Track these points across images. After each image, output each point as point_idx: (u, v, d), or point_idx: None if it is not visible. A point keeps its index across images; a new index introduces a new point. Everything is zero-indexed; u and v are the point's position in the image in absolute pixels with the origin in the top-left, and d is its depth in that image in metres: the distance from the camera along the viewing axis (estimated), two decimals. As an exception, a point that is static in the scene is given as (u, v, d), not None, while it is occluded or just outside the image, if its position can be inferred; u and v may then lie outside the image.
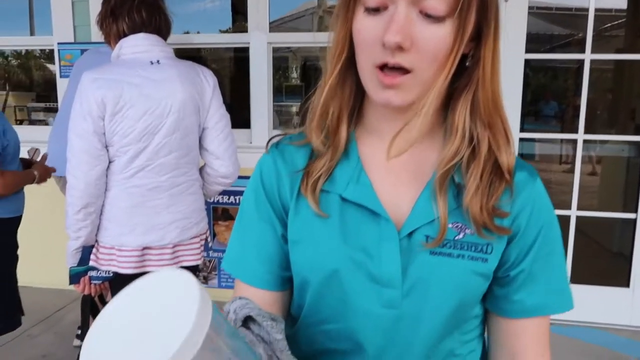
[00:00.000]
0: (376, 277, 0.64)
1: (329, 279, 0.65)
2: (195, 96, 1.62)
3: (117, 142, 1.54)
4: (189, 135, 1.63)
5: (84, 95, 1.51)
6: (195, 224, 1.70)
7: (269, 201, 0.70)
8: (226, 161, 1.71)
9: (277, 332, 0.57)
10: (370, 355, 0.67)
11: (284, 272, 0.71)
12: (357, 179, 0.67)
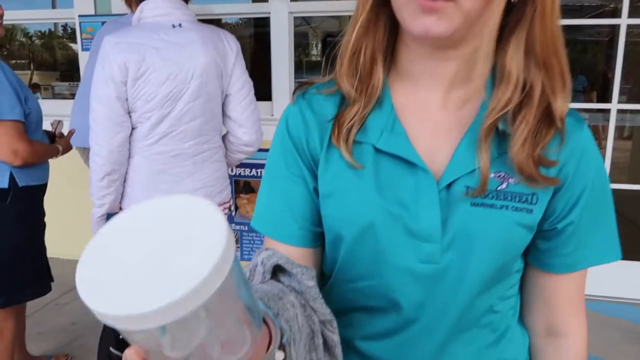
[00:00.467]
0: (414, 231, 0.61)
1: (364, 233, 0.62)
2: (217, 60, 1.59)
3: (140, 107, 1.53)
4: (212, 100, 1.61)
5: (105, 59, 1.50)
6: (218, 192, 1.70)
7: (298, 153, 0.67)
8: (249, 129, 1.69)
9: (308, 279, 0.55)
10: (407, 312, 0.64)
11: (316, 228, 0.68)
12: (392, 128, 0.63)
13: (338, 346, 0.59)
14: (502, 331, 0.69)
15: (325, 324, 0.58)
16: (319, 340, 0.56)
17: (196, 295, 0.30)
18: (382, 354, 0.67)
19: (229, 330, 0.36)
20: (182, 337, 0.32)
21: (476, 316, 0.65)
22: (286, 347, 0.49)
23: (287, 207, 0.67)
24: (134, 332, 0.31)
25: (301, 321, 0.53)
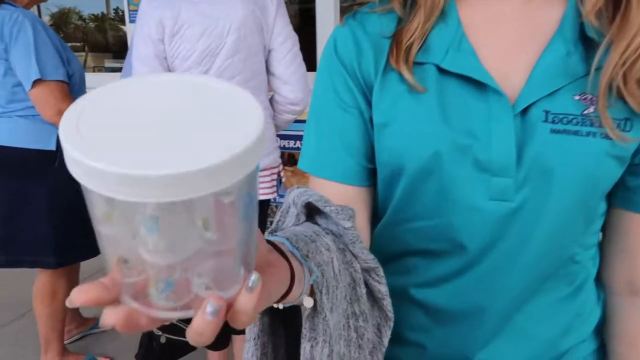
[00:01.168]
0: (484, 164, 0.53)
1: (426, 167, 0.55)
2: (256, 13, 1.51)
3: (178, 65, 1.50)
4: (253, 57, 1.54)
5: (143, 18, 1.48)
6: (266, 154, 1.64)
7: (349, 79, 0.60)
8: (294, 85, 1.59)
9: (344, 218, 0.49)
10: (472, 257, 0.57)
11: (370, 164, 0.61)
12: (458, 46, 0.55)
13: (386, 298, 0.53)
14: (580, 283, 0.61)
15: (370, 272, 0.52)
16: (361, 290, 0.50)
17: (219, 175, 0.24)
18: (441, 302, 0.60)
19: (225, 257, 0.29)
20: (171, 239, 0.26)
21: (553, 264, 0.57)
22: (317, 295, 0.44)
23: (340, 141, 0.60)
24: (118, 216, 0.26)
25: (338, 267, 0.47)
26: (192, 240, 0.27)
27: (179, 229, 0.26)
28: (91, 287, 0.29)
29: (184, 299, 0.28)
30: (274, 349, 0.50)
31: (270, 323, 0.50)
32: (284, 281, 0.38)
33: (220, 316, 0.29)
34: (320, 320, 0.45)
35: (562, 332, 0.62)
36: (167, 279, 0.27)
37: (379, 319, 0.54)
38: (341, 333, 0.48)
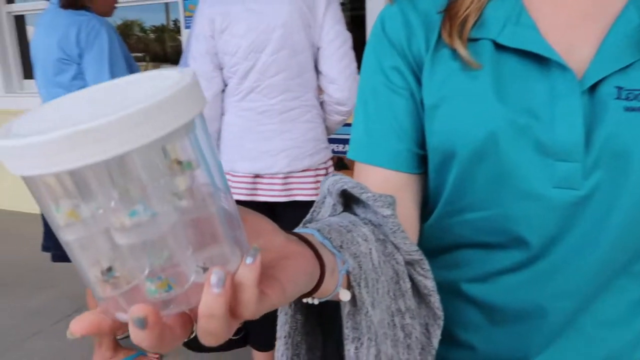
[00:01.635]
0: (547, 146, 0.48)
1: (481, 151, 0.50)
2: (304, 9, 1.50)
3: (227, 61, 1.53)
4: (300, 54, 1.53)
5: (198, 16, 1.53)
6: (309, 155, 1.61)
7: (399, 59, 0.56)
8: (341, 84, 1.55)
9: (383, 206, 0.45)
10: (533, 251, 0.51)
11: (420, 150, 0.57)
12: (517, 19, 0.51)
13: (434, 294, 0.48)
14: None
15: (414, 265, 0.48)
16: (406, 284, 0.47)
17: (155, 119, 0.22)
18: (496, 299, 0.55)
19: (207, 227, 0.27)
20: (138, 203, 0.24)
21: (627, 261, 0.51)
22: (355, 289, 0.40)
23: (389, 124, 0.57)
24: (82, 204, 0.24)
25: (378, 259, 0.44)
26: (161, 205, 0.24)
27: (143, 191, 0.24)
28: (89, 314, 0.27)
29: (181, 283, 0.26)
30: (308, 350, 0.47)
31: (305, 322, 0.46)
32: (309, 272, 0.34)
33: (227, 288, 0.26)
34: (362, 317, 0.41)
35: (636, 339, 0.54)
36: (155, 260, 0.25)
37: (426, 317, 0.50)
38: (387, 332, 0.44)
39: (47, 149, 0.21)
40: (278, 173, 1.57)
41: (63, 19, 1.84)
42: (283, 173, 1.57)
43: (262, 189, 1.59)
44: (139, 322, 0.25)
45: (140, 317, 0.25)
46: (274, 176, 1.57)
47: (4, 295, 2.87)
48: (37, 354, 2.31)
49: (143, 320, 0.25)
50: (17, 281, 3.03)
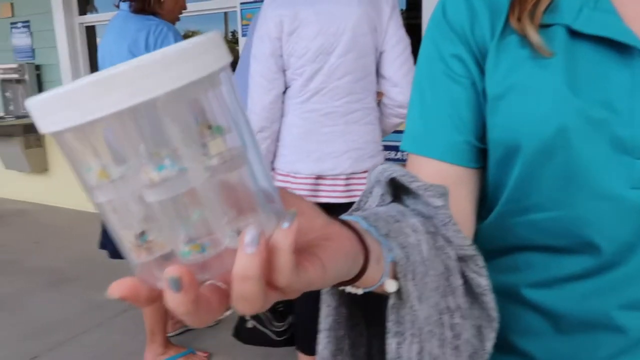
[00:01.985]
0: (625, 143, 0.44)
1: (549, 145, 0.46)
2: (371, 14, 1.53)
3: (293, 63, 1.54)
4: (365, 57, 1.55)
5: (263, 17, 1.54)
6: (369, 156, 1.62)
7: (461, 45, 0.53)
8: (404, 88, 1.58)
9: (434, 196, 0.43)
10: (606, 258, 0.47)
11: (480, 143, 0.54)
12: (595, 4, 0.47)
13: (488, 293, 0.45)
14: None
15: (467, 261, 0.45)
16: (457, 281, 0.44)
17: (184, 66, 0.22)
18: (561, 306, 0.51)
19: (239, 188, 0.26)
20: (167, 153, 0.23)
21: None
22: (401, 281, 0.38)
23: (447, 114, 0.54)
24: (112, 163, 0.24)
25: (427, 251, 0.41)
26: (191, 162, 0.24)
27: (171, 146, 0.24)
28: (128, 278, 0.27)
29: (215, 246, 0.26)
30: (352, 346, 0.45)
31: (349, 316, 0.44)
32: (351, 255, 0.33)
33: (261, 248, 0.25)
34: (407, 311, 0.39)
35: None
36: (187, 221, 0.25)
37: (479, 318, 0.47)
38: (433, 330, 0.42)
39: (73, 99, 0.21)
40: (341, 174, 1.58)
41: (133, 25, 1.93)
42: (346, 174, 1.58)
43: (324, 190, 1.60)
44: (174, 283, 0.24)
45: (175, 276, 0.24)
46: (336, 177, 1.58)
47: (69, 289, 3.02)
48: (96, 345, 2.40)
49: (178, 281, 0.24)
50: (82, 276, 3.18)
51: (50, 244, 3.86)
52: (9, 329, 2.57)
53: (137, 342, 2.33)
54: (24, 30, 4.67)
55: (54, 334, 2.51)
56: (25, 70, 4.53)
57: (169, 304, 0.25)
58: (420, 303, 0.40)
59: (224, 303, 0.27)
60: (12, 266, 3.42)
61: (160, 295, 0.26)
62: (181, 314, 0.25)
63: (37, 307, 2.80)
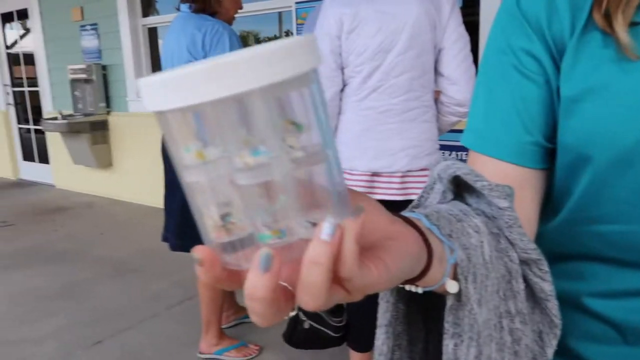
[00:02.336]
0: None
1: (628, 156, 0.43)
2: (431, 11, 1.51)
3: (352, 61, 1.55)
4: (424, 54, 1.54)
5: (323, 16, 1.56)
6: (426, 154, 1.61)
7: (536, 39, 0.49)
8: (463, 86, 1.56)
9: (499, 196, 0.41)
10: None
11: (549, 144, 0.51)
12: None
13: (551, 299, 0.44)
14: None
15: (530, 265, 0.43)
16: (518, 285, 0.42)
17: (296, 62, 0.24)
18: (629, 318, 0.48)
19: (316, 179, 0.27)
20: (260, 139, 0.25)
21: None
22: (461, 282, 0.37)
23: (516, 111, 0.50)
24: (211, 147, 0.25)
25: (489, 253, 0.40)
26: (279, 151, 0.25)
27: (264, 134, 0.25)
28: (211, 249, 0.28)
29: (291, 234, 0.27)
30: (410, 342, 0.45)
31: (407, 312, 0.44)
32: (415, 255, 0.33)
33: (336, 240, 0.26)
34: (465, 314, 0.38)
35: None
36: (270, 208, 0.26)
37: (540, 324, 0.45)
38: (492, 334, 0.41)
39: (182, 83, 0.23)
40: (397, 172, 1.58)
41: (191, 25, 2.00)
42: (402, 172, 1.58)
43: (379, 187, 1.60)
44: (266, 262, 0.25)
45: (269, 254, 0.25)
46: (392, 175, 1.58)
47: (130, 279, 3.17)
48: (154, 334, 2.51)
49: (270, 261, 0.25)
50: (142, 267, 3.34)
51: (114, 235, 4.08)
52: (77, 315, 2.73)
53: (193, 333, 2.41)
54: (92, 33, 4.94)
55: (116, 321, 2.64)
56: (93, 71, 4.79)
57: (249, 285, 0.26)
58: (480, 306, 0.39)
59: (290, 304, 0.28)
60: (80, 255, 3.63)
61: (223, 278, 0.28)
62: (257, 299, 0.26)
63: (101, 295, 2.96)
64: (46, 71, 5.54)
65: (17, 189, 5.92)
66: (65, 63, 5.11)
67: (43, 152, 6.03)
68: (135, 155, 4.81)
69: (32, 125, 6.16)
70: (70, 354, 2.36)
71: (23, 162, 6.43)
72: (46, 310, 2.79)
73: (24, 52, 6.04)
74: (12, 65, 6.25)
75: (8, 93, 6.28)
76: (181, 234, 2.13)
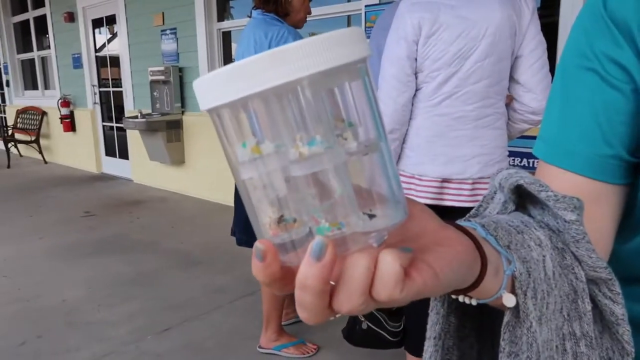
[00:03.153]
0: None
1: None
2: (513, 18, 1.47)
3: (427, 67, 1.53)
4: (502, 61, 1.50)
5: (400, 20, 1.55)
6: (497, 161, 1.57)
7: (624, 43, 0.45)
8: (539, 94, 1.51)
9: (566, 209, 0.38)
10: None
11: (629, 157, 0.47)
12: None
13: (623, 324, 0.40)
14: None
15: (599, 284, 0.40)
16: (585, 306, 0.39)
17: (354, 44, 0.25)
18: None
19: (369, 167, 0.27)
20: (315, 129, 0.25)
21: None
22: (520, 297, 0.35)
23: (597, 123, 0.47)
24: (266, 139, 0.25)
25: (552, 269, 0.37)
26: (333, 142, 0.25)
27: (319, 125, 0.25)
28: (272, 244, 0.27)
29: (349, 226, 0.26)
30: (460, 358, 0.43)
31: (459, 327, 0.42)
32: (466, 263, 0.31)
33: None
34: (523, 332, 0.36)
35: None
36: (327, 201, 0.25)
37: (610, 350, 0.42)
38: (553, 357, 0.38)
39: (232, 77, 0.24)
40: (469, 178, 1.55)
41: (260, 30, 2.07)
42: (473, 179, 1.55)
43: (449, 193, 1.58)
44: (319, 250, 0.25)
45: (323, 244, 0.25)
46: (463, 181, 1.55)
47: (197, 272, 3.33)
48: (217, 325, 2.62)
49: (323, 249, 0.25)
50: (208, 261, 3.49)
51: (183, 229, 4.28)
52: (149, 302, 2.90)
53: (254, 327, 2.49)
54: (171, 37, 5.22)
55: (183, 310, 2.78)
56: (170, 72, 5.06)
57: (300, 274, 0.25)
58: (540, 325, 0.37)
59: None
60: (153, 246, 3.85)
61: (278, 277, 0.27)
62: (307, 289, 0.25)
63: (170, 285, 3.13)
64: (129, 73, 5.93)
65: (100, 182, 6.37)
66: (146, 65, 5.44)
67: (123, 149, 6.45)
68: (206, 153, 5.03)
69: (115, 123, 6.60)
70: (142, 338, 2.51)
71: (105, 157, 6.91)
72: (122, 296, 2.99)
73: (110, 55, 6.49)
74: (100, 67, 6.74)
75: (95, 93, 6.77)
76: (247, 229, 2.21)
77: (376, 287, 0.26)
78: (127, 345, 2.45)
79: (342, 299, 0.26)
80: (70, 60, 6.99)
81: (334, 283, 0.27)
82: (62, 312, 2.81)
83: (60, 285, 3.17)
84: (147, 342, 2.48)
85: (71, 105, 7.09)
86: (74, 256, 3.68)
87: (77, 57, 6.85)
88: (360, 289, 0.26)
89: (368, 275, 0.25)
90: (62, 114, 7.05)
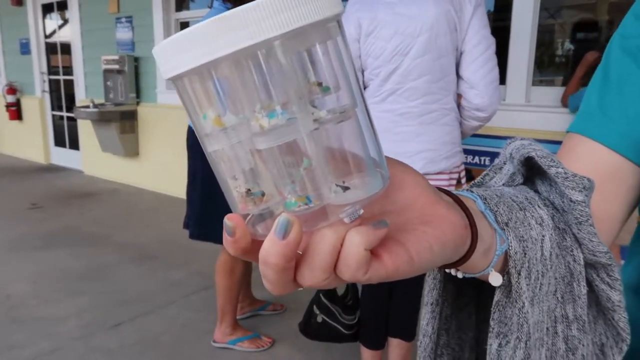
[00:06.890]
0: None
1: None
2: (451, 13, 1.50)
3: (370, 64, 1.56)
4: (443, 57, 1.53)
5: (345, 19, 1.58)
6: (444, 157, 1.60)
7: None
8: (481, 90, 1.52)
9: (574, 187, 0.36)
10: None
11: None
12: None
13: (619, 311, 0.39)
14: None
15: (597, 269, 0.38)
16: (580, 289, 0.38)
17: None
18: None
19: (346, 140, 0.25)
20: (282, 95, 0.23)
21: None
22: (513, 277, 0.34)
23: (635, 104, 0.46)
24: (228, 108, 0.24)
25: (549, 249, 0.36)
26: (300, 112, 0.23)
27: (283, 95, 0.23)
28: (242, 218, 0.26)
29: (319, 199, 0.25)
30: (459, 328, 0.42)
31: (457, 295, 0.41)
32: (449, 246, 0.28)
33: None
34: (514, 312, 0.34)
35: None
36: (294, 172, 0.24)
37: (604, 336, 0.40)
38: (543, 339, 0.37)
39: (192, 42, 0.22)
40: None
41: None
42: None
43: None
44: (283, 228, 0.23)
45: (288, 220, 0.23)
46: None
47: (150, 265, 3.26)
48: (171, 320, 2.58)
49: (288, 227, 0.23)
50: (162, 255, 3.43)
51: (137, 222, 4.18)
52: (101, 297, 2.82)
53: (209, 321, 2.47)
54: (127, 25, 5.07)
55: (136, 305, 2.72)
56: (125, 62, 4.91)
57: (262, 250, 0.25)
58: (532, 306, 0.35)
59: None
60: (104, 240, 3.75)
61: (250, 250, 0.26)
62: (269, 265, 0.25)
63: (122, 279, 3.05)
64: (81, 61, 5.71)
65: (48, 174, 6.12)
66: (99, 54, 5.25)
67: (74, 139, 6.21)
68: (161, 145, 4.92)
69: (65, 113, 6.35)
70: (91, 334, 2.45)
71: (54, 148, 6.63)
72: (70, 291, 2.89)
73: (61, 41, 6.23)
74: (50, 54, 6.46)
75: (44, 80, 6.49)
76: (200, 223, 2.19)
77: (339, 267, 0.25)
78: (76, 341, 2.38)
79: (305, 274, 0.25)
80: (17, 45, 6.65)
81: (301, 252, 0.26)
82: (6, 308, 2.69)
83: (4, 280, 3.03)
84: (97, 338, 2.42)
85: (18, 93, 6.76)
86: (19, 250, 3.53)
87: (25, 43, 6.53)
88: (323, 266, 0.25)
89: (333, 253, 0.25)
90: (7, 102, 6.71)
